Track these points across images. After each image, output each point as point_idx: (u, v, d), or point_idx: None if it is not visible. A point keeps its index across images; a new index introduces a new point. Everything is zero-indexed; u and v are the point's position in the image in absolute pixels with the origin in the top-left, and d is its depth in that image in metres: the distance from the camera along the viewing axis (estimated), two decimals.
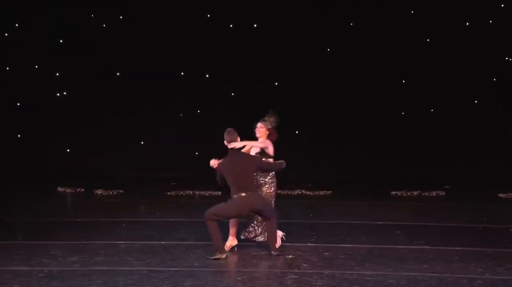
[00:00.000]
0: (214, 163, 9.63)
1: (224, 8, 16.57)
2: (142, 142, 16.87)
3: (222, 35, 16.59)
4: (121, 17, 16.70)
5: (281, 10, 16.46)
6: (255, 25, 16.73)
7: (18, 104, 16.85)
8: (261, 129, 10.00)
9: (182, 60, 16.66)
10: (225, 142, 9.57)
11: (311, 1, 16.58)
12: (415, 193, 15.05)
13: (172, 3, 16.52)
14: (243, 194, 9.47)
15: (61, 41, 16.67)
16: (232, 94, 16.75)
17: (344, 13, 16.59)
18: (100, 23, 16.70)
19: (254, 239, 9.92)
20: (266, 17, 16.59)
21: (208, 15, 16.70)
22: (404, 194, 15.04)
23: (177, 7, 16.55)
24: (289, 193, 15.05)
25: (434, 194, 15.03)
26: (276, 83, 16.76)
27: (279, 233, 9.91)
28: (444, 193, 15.12)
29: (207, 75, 16.79)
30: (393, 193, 15.09)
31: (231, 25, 16.75)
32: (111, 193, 14.97)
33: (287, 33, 16.49)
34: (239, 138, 9.61)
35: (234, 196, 9.48)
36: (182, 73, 16.81)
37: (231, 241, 9.83)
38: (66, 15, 16.52)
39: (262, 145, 9.83)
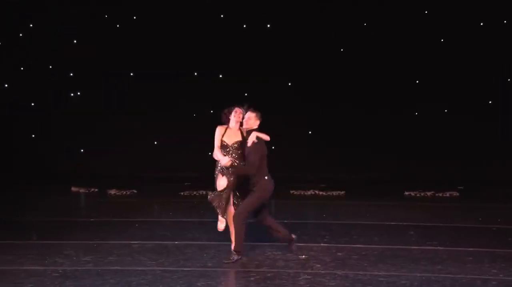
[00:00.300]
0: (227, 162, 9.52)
1: (238, 8, 16.57)
2: (155, 143, 16.89)
3: (236, 35, 16.60)
4: (134, 17, 16.75)
5: (294, 11, 16.45)
6: (268, 26, 16.74)
7: (32, 104, 16.92)
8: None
9: (195, 60, 16.68)
10: (255, 121, 9.43)
11: (324, 1, 16.56)
12: (428, 193, 15.02)
13: (186, 3, 16.54)
14: (268, 176, 9.41)
15: (74, 41, 16.73)
16: (246, 94, 16.76)
17: (358, 13, 16.57)
18: (114, 24, 16.75)
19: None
20: (279, 17, 16.58)
21: (222, 15, 16.72)
22: (418, 195, 15.00)
23: (191, 8, 16.56)
24: (302, 193, 15.05)
25: (447, 195, 14.99)
26: (290, 84, 16.76)
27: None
28: (457, 194, 15.07)
29: (220, 76, 16.81)
30: (406, 193, 15.06)
31: (244, 26, 16.76)
32: (124, 193, 15.00)
33: (300, 34, 16.48)
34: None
35: (266, 178, 9.40)
36: (196, 73, 16.84)
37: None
38: (79, 16, 16.58)
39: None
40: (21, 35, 16.77)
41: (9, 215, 12.83)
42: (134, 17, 16.76)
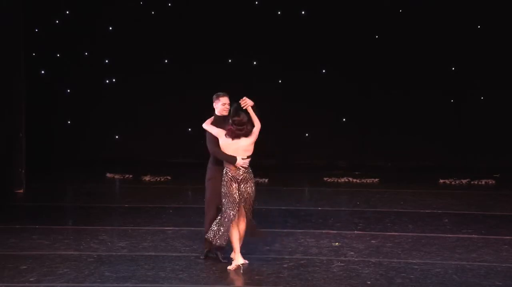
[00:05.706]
0: None
1: None
2: (189, 129, 16.94)
3: (270, 22, 16.55)
4: (169, 4, 16.78)
5: None
6: (302, 12, 16.67)
7: (68, 91, 17.05)
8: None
9: (230, 46, 16.66)
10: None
11: None
12: (463, 181, 14.89)
13: None
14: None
15: (110, 28, 16.81)
16: (280, 81, 16.74)
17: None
18: (149, 11, 16.79)
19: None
20: (314, 4, 16.51)
21: (256, 2, 16.69)
22: (453, 182, 14.89)
23: None
24: (336, 180, 15.00)
25: (483, 183, 14.86)
26: (324, 71, 16.69)
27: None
28: (493, 182, 14.93)
29: (255, 63, 16.79)
30: (441, 181, 14.95)
31: (278, 12, 16.72)
32: (159, 179, 15.08)
33: (334, 20, 16.39)
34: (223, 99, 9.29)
35: None
36: (230, 61, 16.84)
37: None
38: (115, 2, 16.65)
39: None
40: (57, 21, 16.87)
41: (45, 200, 12.98)
42: (169, 4, 16.79)
